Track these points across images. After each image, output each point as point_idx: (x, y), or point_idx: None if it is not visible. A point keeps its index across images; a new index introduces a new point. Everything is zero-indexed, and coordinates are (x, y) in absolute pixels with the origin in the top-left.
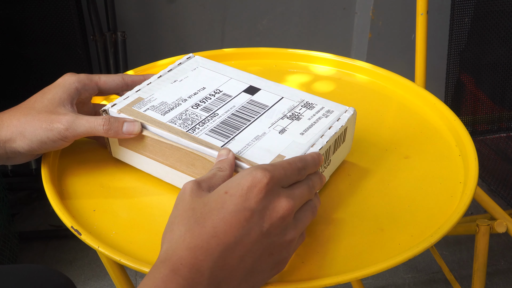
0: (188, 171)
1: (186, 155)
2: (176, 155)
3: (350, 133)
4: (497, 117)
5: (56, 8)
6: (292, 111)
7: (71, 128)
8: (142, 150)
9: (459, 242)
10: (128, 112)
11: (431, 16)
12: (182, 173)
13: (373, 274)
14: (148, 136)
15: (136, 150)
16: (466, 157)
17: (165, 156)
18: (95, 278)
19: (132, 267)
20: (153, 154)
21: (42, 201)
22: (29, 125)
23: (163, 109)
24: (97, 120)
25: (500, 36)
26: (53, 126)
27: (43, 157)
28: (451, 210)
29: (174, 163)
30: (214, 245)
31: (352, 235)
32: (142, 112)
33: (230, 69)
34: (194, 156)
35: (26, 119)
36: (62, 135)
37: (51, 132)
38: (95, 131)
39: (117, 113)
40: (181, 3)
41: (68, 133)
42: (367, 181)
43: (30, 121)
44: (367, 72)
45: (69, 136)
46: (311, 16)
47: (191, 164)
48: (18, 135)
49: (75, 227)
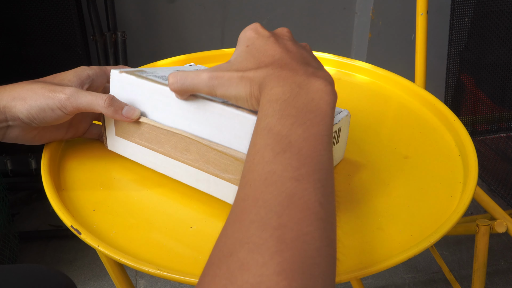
0: (182, 158)
1: (181, 140)
2: (172, 141)
3: (344, 135)
4: (497, 117)
5: (56, 8)
6: None
7: (72, 97)
8: (138, 139)
9: (459, 242)
10: (130, 73)
11: (431, 16)
12: (176, 161)
13: (373, 273)
14: (144, 123)
15: (132, 139)
16: (466, 157)
17: (161, 143)
18: (95, 278)
19: (132, 266)
20: (148, 142)
21: (42, 201)
22: (32, 91)
23: (164, 78)
24: (100, 95)
25: (500, 36)
26: (55, 95)
27: (43, 156)
28: (451, 210)
29: (169, 150)
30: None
31: (352, 235)
32: (144, 75)
33: None
34: (189, 141)
35: (30, 87)
36: (62, 104)
37: (51, 100)
38: (95, 105)
39: (119, 73)
40: (181, 3)
41: (69, 102)
42: (366, 181)
43: (34, 88)
44: (366, 72)
45: (68, 106)
46: (311, 16)
47: (185, 149)
48: (19, 100)
49: (75, 227)
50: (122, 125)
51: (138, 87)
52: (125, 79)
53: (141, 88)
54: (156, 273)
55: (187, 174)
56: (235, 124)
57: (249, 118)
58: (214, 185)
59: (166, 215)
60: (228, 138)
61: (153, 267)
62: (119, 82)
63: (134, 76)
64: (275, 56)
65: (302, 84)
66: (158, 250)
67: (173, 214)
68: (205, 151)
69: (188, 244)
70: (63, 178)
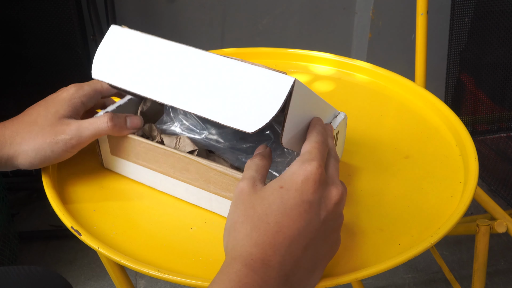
0: (182, 177)
1: (179, 161)
2: (170, 161)
3: (341, 137)
4: (497, 117)
5: (56, 8)
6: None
7: (76, 135)
8: (135, 159)
9: (459, 242)
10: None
11: (431, 16)
12: (176, 180)
13: (373, 275)
14: (140, 142)
15: (128, 159)
16: (466, 157)
17: (159, 163)
18: (95, 278)
19: (132, 268)
20: (146, 161)
21: (42, 201)
22: (34, 142)
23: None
24: (100, 119)
25: (500, 36)
26: (58, 139)
27: None
28: (451, 210)
29: (168, 169)
30: (280, 240)
31: (352, 236)
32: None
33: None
34: (188, 161)
35: (30, 136)
36: (68, 145)
37: (56, 145)
38: (100, 131)
39: (121, 27)
40: (181, 3)
41: (74, 141)
42: (367, 181)
43: (34, 138)
44: (367, 72)
45: (75, 145)
46: (311, 16)
47: (185, 169)
48: (21, 153)
49: (75, 228)
50: (117, 144)
51: (141, 42)
52: (128, 34)
53: (144, 44)
54: (156, 275)
55: (187, 192)
56: (238, 74)
57: (265, 72)
58: (216, 203)
59: (166, 216)
60: (231, 93)
61: (154, 268)
62: (117, 36)
63: (138, 31)
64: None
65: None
66: (158, 251)
67: (173, 215)
68: (205, 171)
69: (188, 245)
70: (63, 179)
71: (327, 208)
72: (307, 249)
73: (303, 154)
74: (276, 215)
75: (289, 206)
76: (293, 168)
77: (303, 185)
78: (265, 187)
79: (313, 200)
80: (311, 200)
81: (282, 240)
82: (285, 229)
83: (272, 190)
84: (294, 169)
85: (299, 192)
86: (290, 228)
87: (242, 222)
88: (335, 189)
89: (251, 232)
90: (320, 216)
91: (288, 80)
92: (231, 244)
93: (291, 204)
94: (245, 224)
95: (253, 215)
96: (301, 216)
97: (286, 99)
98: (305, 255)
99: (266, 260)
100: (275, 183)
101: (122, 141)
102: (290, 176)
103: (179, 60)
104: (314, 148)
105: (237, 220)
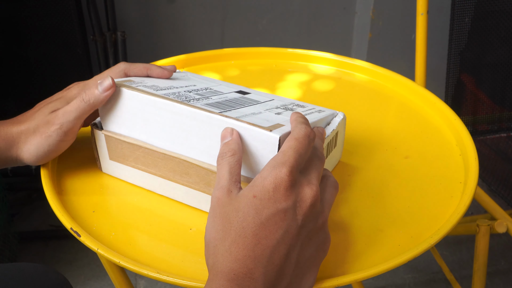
0: (182, 181)
1: (179, 164)
2: (169, 165)
3: (341, 138)
4: (497, 117)
5: (56, 8)
6: (285, 106)
7: (65, 121)
8: (134, 163)
9: (459, 242)
10: (119, 85)
11: (431, 16)
12: (176, 184)
13: (373, 276)
14: (139, 147)
15: (127, 163)
16: (467, 157)
17: (158, 167)
18: (95, 278)
19: (131, 270)
20: (145, 166)
21: (42, 201)
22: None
23: (155, 88)
24: (76, 100)
25: (500, 36)
26: (51, 131)
27: None
28: (451, 210)
29: (167, 173)
30: (260, 252)
31: (351, 236)
32: (134, 86)
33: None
34: (188, 165)
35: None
36: (61, 134)
37: (50, 138)
38: (81, 109)
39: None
40: (181, 3)
41: (65, 127)
42: (366, 181)
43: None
44: (367, 72)
45: (67, 131)
46: (311, 16)
47: (185, 173)
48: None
49: (74, 229)
50: (115, 149)
51: (128, 99)
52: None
53: (132, 101)
54: (156, 277)
55: (188, 195)
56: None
57: (250, 129)
58: None
59: (166, 216)
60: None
61: (153, 270)
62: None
63: (124, 88)
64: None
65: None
66: (157, 252)
67: (172, 215)
68: (205, 174)
69: (188, 246)
70: (62, 180)
71: (303, 211)
72: (290, 256)
73: (277, 154)
74: (252, 227)
75: (264, 216)
76: (264, 173)
77: (275, 194)
78: (239, 196)
79: (287, 207)
80: (285, 208)
81: (262, 251)
82: (263, 241)
83: (246, 200)
84: (265, 175)
85: (272, 201)
86: (268, 238)
87: (221, 238)
88: (309, 190)
89: (230, 247)
90: (298, 221)
91: (274, 138)
92: (211, 261)
93: (266, 215)
94: (223, 240)
95: (230, 229)
96: (277, 225)
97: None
98: (288, 262)
99: (248, 274)
100: (249, 192)
101: (121, 146)
102: (261, 183)
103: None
104: (290, 148)
105: (215, 236)
